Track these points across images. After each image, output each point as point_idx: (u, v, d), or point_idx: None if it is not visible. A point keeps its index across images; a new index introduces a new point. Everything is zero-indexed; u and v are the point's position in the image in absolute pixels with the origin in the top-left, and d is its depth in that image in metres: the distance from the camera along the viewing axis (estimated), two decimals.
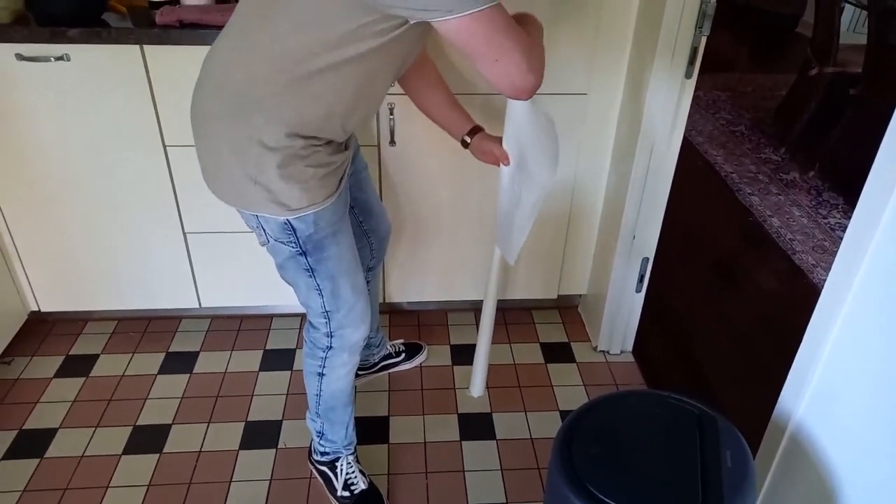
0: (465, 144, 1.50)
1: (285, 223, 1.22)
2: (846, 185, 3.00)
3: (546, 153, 1.44)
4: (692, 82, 1.63)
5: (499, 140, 1.44)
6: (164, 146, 1.77)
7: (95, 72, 1.66)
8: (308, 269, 1.30)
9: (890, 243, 0.93)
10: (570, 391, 1.94)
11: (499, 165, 1.45)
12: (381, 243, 1.68)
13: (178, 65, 1.64)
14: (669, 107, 1.66)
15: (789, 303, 2.30)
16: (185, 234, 1.92)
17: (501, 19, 0.98)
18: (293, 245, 1.26)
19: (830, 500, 1.04)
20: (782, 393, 1.14)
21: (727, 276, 2.50)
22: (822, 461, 1.05)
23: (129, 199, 1.85)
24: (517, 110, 1.34)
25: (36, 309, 2.03)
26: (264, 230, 1.26)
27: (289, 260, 1.30)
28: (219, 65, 1.18)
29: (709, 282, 2.47)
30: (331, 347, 1.41)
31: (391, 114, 1.75)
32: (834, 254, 2.58)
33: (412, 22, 1.03)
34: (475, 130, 1.49)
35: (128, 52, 1.63)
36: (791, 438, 1.12)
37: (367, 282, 1.72)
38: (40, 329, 2.09)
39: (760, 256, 2.60)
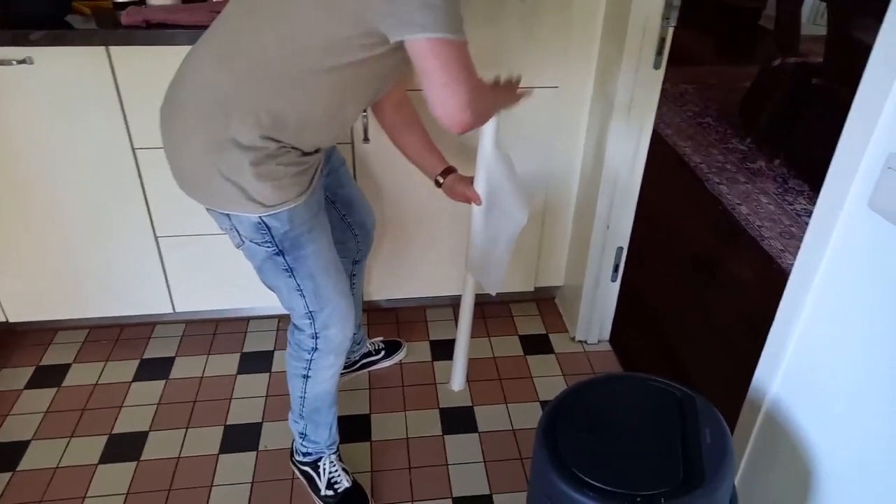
0: (437, 184, 1.53)
1: (259, 222, 1.21)
2: (811, 172, 3.07)
3: (518, 192, 1.49)
4: (661, 73, 1.65)
5: (470, 181, 1.48)
6: (133, 149, 1.74)
7: (60, 75, 1.62)
8: (287, 269, 1.29)
9: (853, 225, 0.96)
10: (550, 382, 1.96)
11: (470, 205, 1.48)
12: (367, 236, 1.68)
13: (146, 66, 1.62)
14: (639, 97, 1.69)
15: (760, 288, 2.35)
16: (156, 238, 1.89)
17: (462, 55, 1.06)
18: (269, 245, 1.25)
19: (807, 471, 1.07)
20: (756, 372, 1.17)
21: (700, 264, 2.55)
22: (798, 435, 1.08)
23: (99, 204, 1.82)
24: (487, 152, 1.39)
25: (3, 320, 1.98)
26: (237, 231, 1.24)
27: (266, 261, 1.28)
28: (202, 65, 1.17)
29: (682, 270, 2.51)
30: (316, 349, 1.40)
31: (364, 111, 1.75)
32: (800, 239, 2.64)
33: (392, 41, 1.07)
34: (448, 171, 1.52)
35: (93, 55, 1.60)
36: (767, 415, 1.15)
37: (354, 275, 1.73)
38: (9, 341, 2.04)
39: (731, 244, 2.65)
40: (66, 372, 1.95)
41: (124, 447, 1.72)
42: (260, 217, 1.20)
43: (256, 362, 2.01)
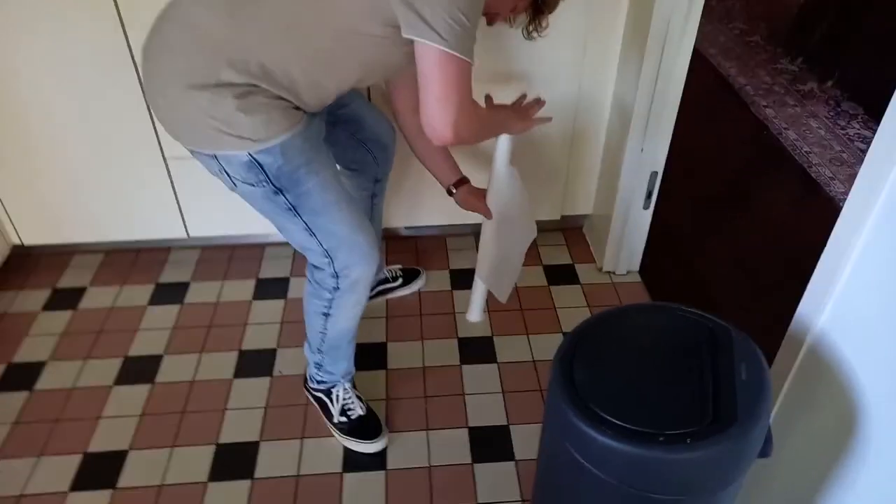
0: (449, 193, 1.50)
1: (249, 161, 1.11)
2: (867, 93, 2.83)
3: (527, 208, 1.53)
4: None
5: (483, 194, 1.46)
6: (135, 64, 1.64)
7: None
8: (290, 209, 1.20)
9: None
10: (575, 313, 1.88)
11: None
12: (386, 151, 1.57)
13: None
14: (680, 6, 1.51)
15: (804, 218, 2.19)
16: (165, 159, 1.81)
17: (466, 76, 1.06)
18: (265, 184, 1.15)
19: (850, 413, 0.97)
20: (801, 304, 1.06)
21: (740, 192, 2.39)
22: (842, 374, 0.98)
23: (107, 126, 1.75)
24: (500, 169, 1.41)
25: (18, 243, 1.96)
26: (227, 174, 1.15)
27: (266, 202, 1.20)
28: (200, 3, 1.08)
29: (720, 198, 2.35)
30: (338, 288, 1.33)
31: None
32: (852, 165, 2.47)
33: (403, 35, 1.03)
34: (461, 182, 1.49)
35: None
36: (809, 350, 1.05)
37: (375, 195, 1.64)
38: (25, 263, 2.03)
39: (775, 171, 2.48)
40: (81, 295, 1.93)
41: (139, 370, 1.70)
42: (249, 154, 1.10)
43: (272, 289, 1.96)
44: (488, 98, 1.41)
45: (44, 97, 1.69)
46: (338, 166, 1.60)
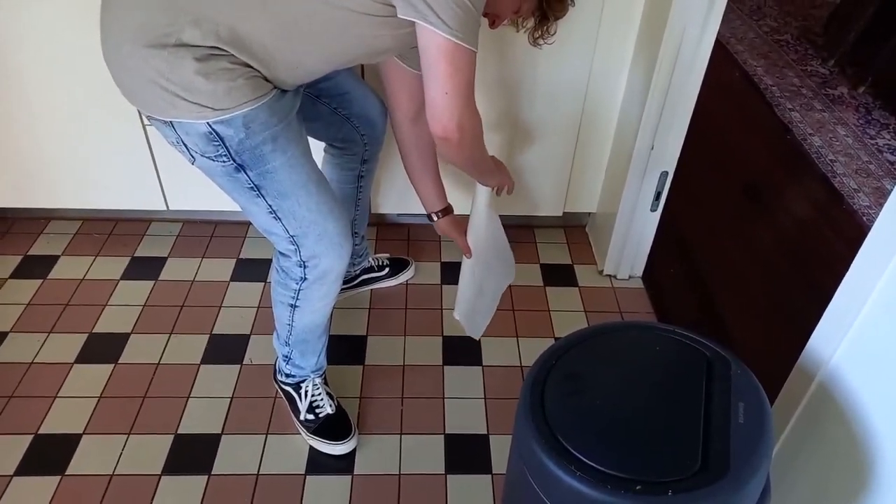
0: (431, 220, 1.44)
1: (209, 131, 1.00)
2: None
3: (506, 252, 1.53)
4: None
5: (464, 229, 1.41)
6: None
7: None
8: (253, 188, 1.08)
9: None
10: (569, 317, 1.76)
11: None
12: (374, 128, 1.45)
13: None
14: None
15: (825, 230, 2.05)
16: (144, 126, 1.71)
17: (472, 68, 0.99)
18: (225, 159, 1.04)
19: (862, 462, 0.86)
20: (815, 332, 0.94)
21: (757, 197, 2.25)
22: (857, 417, 0.86)
23: (84, 88, 1.64)
24: (480, 209, 1.39)
25: None
26: (185, 145, 1.04)
27: (227, 179, 1.08)
28: None
29: (735, 203, 2.22)
30: (305, 279, 1.22)
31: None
32: (879, 178, 2.32)
33: (399, 15, 0.95)
34: (446, 211, 1.43)
35: None
36: (820, 387, 0.93)
37: (361, 177, 1.53)
38: None
39: (796, 178, 2.33)
40: (53, 263, 1.84)
41: (103, 348, 1.61)
42: (208, 124, 0.98)
43: (252, 270, 1.86)
44: None
45: (19, 59, 1.59)
46: (323, 144, 1.49)
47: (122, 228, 1.97)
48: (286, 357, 1.40)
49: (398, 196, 1.90)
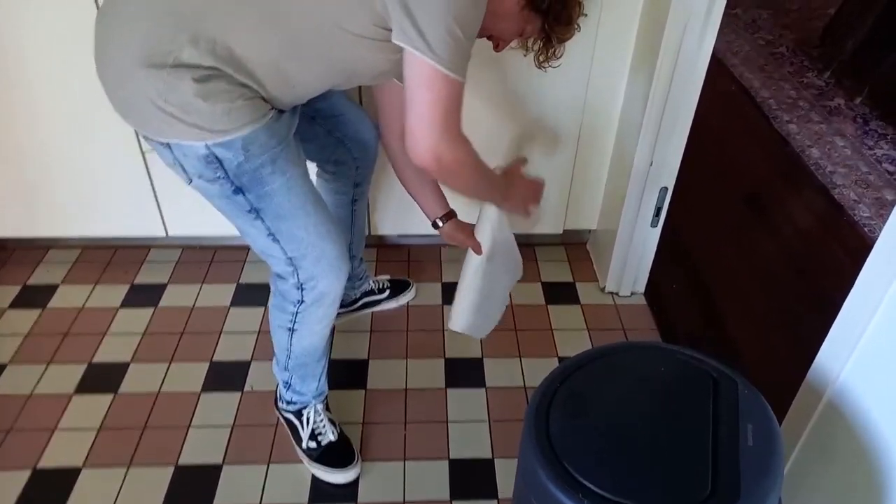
0: (435, 226, 1.40)
1: (207, 154, 0.99)
2: None
3: (514, 249, 1.45)
4: None
5: (471, 230, 1.36)
6: None
7: None
8: (252, 210, 1.08)
9: None
10: (572, 336, 1.74)
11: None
12: (366, 151, 1.45)
13: None
14: (697, 11, 1.38)
15: (827, 242, 2.04)
16: (143, 153, 1.71)
17: (456, 97, 0.98)
18: (223, 181, 1.03)
19: (874, 482, 0.84)
20: (822, 349, 0.93)
21: (757, 211, 2.24)
22: (868, 435, 0.84)
23: (83, 116, 1.65)
24: (491, 208, 1.33)
25: None
26: (182, 166, 1.03)
27: (225, 201, 1.08)
28: None
29: (735, 218, 2.21)
30: (302, 301, 1.21)
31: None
32: (879, 189, 2.31)
33: (393, 40, 0.95)
34: (449, 216, 1.39)
35: None
36: (828, 405, 0.91)
37: (355, 201, 1.52)
38: None
39: (796, 190, 2.32)
40: (53, 293, 1.83)
41: (103, 378, 1.60)
42: (207, 146, 0.98)
43: (252, 295, 1.85)
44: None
45: (19, 87, 1.60)
46: (315, 167, 1.48)
47: (121, 256, 1.96)
48: (286, 383, 1.39)
49: (397, 217, 1.90)
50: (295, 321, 1.24)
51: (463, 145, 1.03)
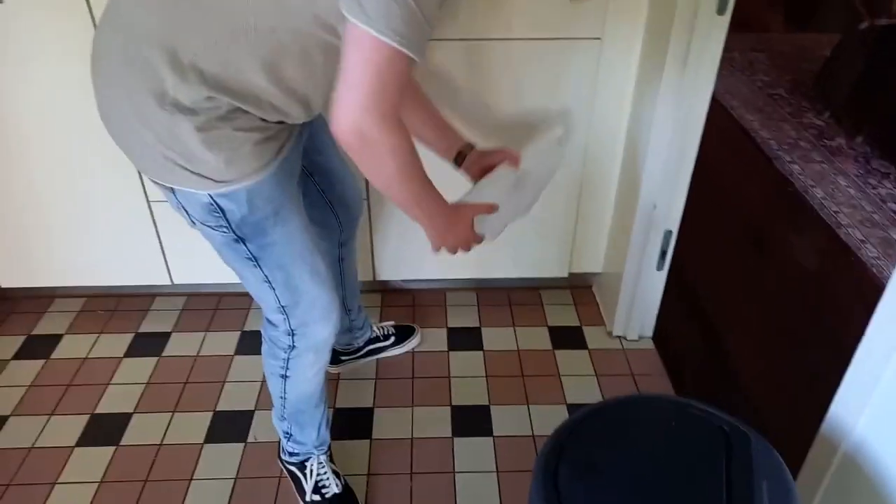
0: (457, 163, 1.26)
1: (210, 203, 0.99)
2: None
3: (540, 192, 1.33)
4: (725, 19, 1.36)
5: (495, 151, 1.25)
6: None
7: (34, 15, 1.45)
8: (251, 258, 1.08)
9: None
10: (580, 382, 1.72)
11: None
12: (350, 214, 1.45)
13: None
14: (698, 49, 1.40)
15: (835, 284, 2.02)
16: (149, 202, 1.73)
17: (391, 70, 0.85)
18: (225, 230, 1.03)
19: None
20: (835, 399, 0.91)
21: (763, 252, 2.23)
22: (890, 488, 0.82)
23: (89, 168, 1.67)
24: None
25: None
26: (186, 211, 1.03)
27: (225, 248, 1.08)
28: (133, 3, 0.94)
29: (742, 259, 2.20)
30: (293, 347, 1.21)
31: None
32: (885, 228, 2.30)
33: (347, 22, 0.85)
34: (469, 147, 1.27)
35: None
36: (846, 457, 0.89)
37: (342, 259, 1.52)
38: (2, 307, 1.93)
39: (801, 231, 2.32)
40: (56, 343, 1.82)
41: (105, 429, 1.58)
42: (210, 196, 0.98)
43: (257, 342, 1.78)
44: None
45: (24, 138, 1.62)
46: None
47: (126, 304, 1.96)
48: (287, 434, 1.37)
49: (399, 262, 1.90)
50: (287, 367, 1.24)
51: (394, 130, 0.90)
